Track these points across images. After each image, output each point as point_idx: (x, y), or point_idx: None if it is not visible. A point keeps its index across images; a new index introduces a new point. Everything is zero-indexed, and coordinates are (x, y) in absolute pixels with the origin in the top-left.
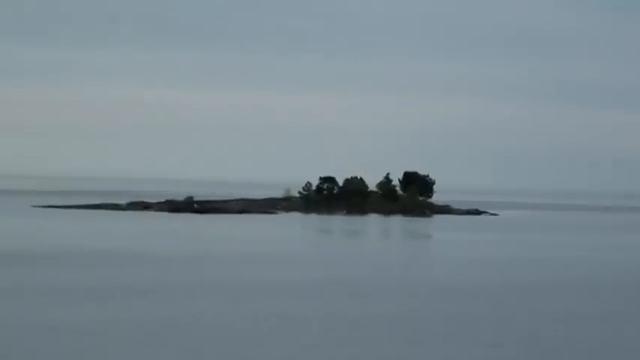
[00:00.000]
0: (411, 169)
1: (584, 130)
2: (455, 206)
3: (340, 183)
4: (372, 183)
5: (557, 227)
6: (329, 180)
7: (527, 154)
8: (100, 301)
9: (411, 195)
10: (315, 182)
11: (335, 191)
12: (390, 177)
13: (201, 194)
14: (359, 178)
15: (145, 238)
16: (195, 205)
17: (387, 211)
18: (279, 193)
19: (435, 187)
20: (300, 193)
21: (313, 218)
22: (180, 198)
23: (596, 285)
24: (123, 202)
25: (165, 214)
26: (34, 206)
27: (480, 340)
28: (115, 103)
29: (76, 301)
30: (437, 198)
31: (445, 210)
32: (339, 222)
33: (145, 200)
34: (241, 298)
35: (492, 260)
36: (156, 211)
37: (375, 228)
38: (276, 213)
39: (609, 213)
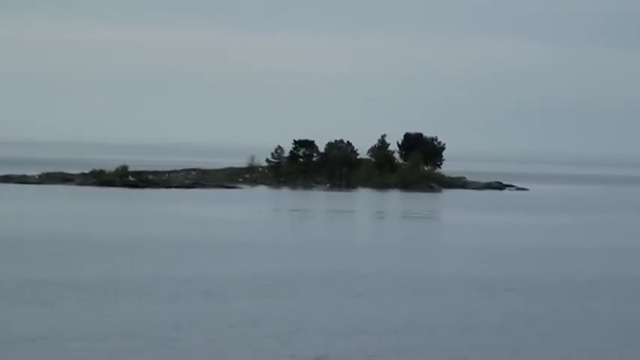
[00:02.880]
0: (413, 129)
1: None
2: (471, 178)
3: (321, 148)
4: (362, 148)
5: (611, 207)
6: (306, 144)
7: (569, 109)
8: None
9: (414, 164)
10: (288, 147)
11: (314, 159)
12: (387, 140)
13: (138, 163)
14: (345, 141)
15: (66, 221)
16: (131, 177)
17: (381, 185)
18: (241, 162)
19: (444, 153)
20: (268, 161)
21: (285, 194)
22: (111, 168)
23: None
24: (35, 172)
25: (91, 188)
26: None
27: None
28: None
29: None
30: (447, 168)
31: (458, 183)
32: (319, 199)
33: (65, 171)
34: (208, 300)
35: (519, 251)
36: (79, 184)
37: (366, 207)
38: (237, 187)
39: None
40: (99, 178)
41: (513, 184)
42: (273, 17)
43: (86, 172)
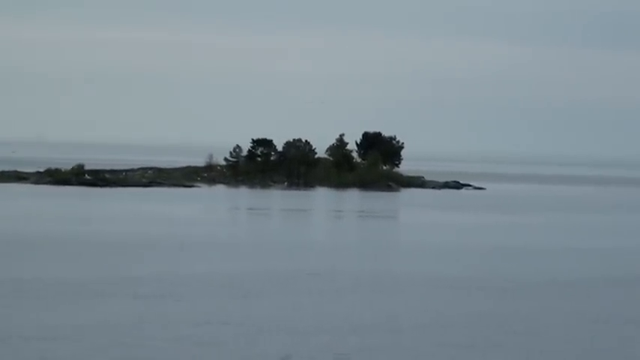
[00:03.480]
0: (372, 129)
1: (609, 78)
2: (429, 178)
3: (279, 147)
4: (320, 147)
5: (567, 206)
6: (264, 143)
7: (527, 110)
8: None
9: (372, 163)
10: (246, 146)
11: (272, 158)
12: (345, 139)
13: (94, 161)
14: (304, 140)
15: (22, 220)
16: (87, 176)
17: (340, 184)
18: (199, 161)
19: (403, 152)
20: (226, 160)
21: (243, 193)
22: (67, 166)
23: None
24: None
25: (46, 187)
26: None
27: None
28: None
29: None
30: (406, 167)
31: (416, 183)
32: (277, 198)
33: (19, 169)
34: (169, 300)
35: (477, 249)
36: (34, 183)
37: (324, 206)
38: (195, 186)
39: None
40: (54, 177)
41: (471, 184)
42: (234, 18)
43: (41, 170)
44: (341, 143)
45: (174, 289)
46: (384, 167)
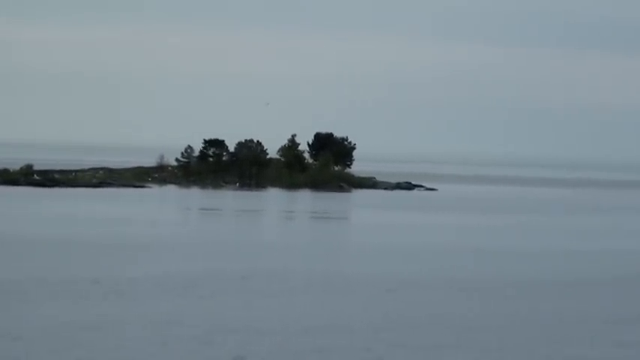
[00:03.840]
0: (324, 129)
1: (581, 80)
2: (381, 179)
3: (231, 148)
4: (272, 148)
5: (520, 207)
6: (216, 144)
7: (480, 109)
8: None
9: (324, 164)
10: (197, 146)
11: (224, 158)
12: (297, 140)
13: (43, 161)
14: (255, 141)
15: None
16: (36, 176)
17: (291, 185)
18: (150, 161)
19: (355, 153)
20: (178, 160)
21: (195, 193)
22: (15, 166)
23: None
24: None
25: None
26: None
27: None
28: None
29: None
30: (358, 168)
31: (368, 183)
32: (228, 198)
33: None
34: (121, 300)
35: (427, 250)
36: None
37: (275, 206)
38: (146, 186)
39: (594, 188)
40: (3, 177)
41: (423, 185)
42: (184, 16)
43: None
44: (292, 144)
45: (126, 289)
46: (336, 168)
